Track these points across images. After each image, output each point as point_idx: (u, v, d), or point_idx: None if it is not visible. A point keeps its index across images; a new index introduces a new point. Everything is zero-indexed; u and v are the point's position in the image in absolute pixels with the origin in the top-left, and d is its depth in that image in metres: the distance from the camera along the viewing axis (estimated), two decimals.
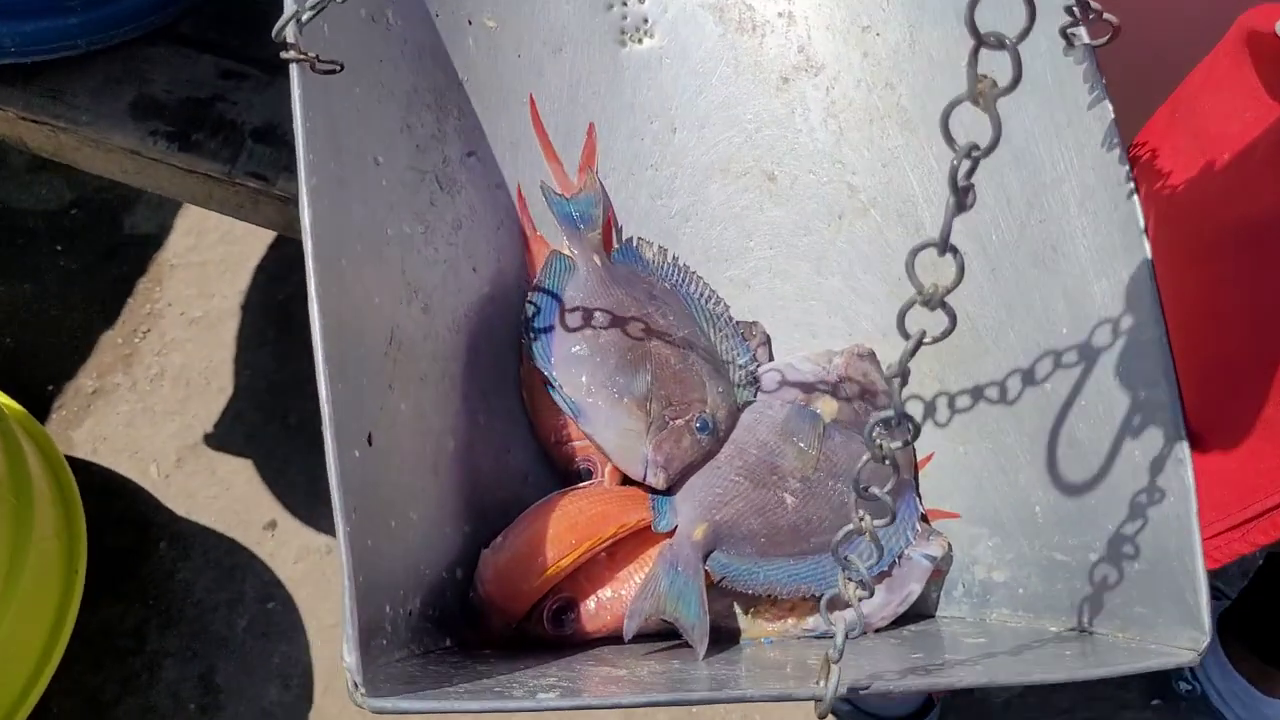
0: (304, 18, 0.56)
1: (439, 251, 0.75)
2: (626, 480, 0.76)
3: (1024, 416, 0.71)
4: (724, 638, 0.73)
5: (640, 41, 0.85)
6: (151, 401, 1.54)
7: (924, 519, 0.76)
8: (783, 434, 0.75)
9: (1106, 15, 0.65)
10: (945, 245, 0.42)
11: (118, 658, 1.34)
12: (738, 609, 0.74)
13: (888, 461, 0.47)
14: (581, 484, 0.76)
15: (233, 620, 1.38)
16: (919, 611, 0.77)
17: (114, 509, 1.44)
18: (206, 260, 1.65)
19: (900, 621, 0.75)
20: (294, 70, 0.56)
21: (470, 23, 0.80)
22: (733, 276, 0.84)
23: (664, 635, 0.72)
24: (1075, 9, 0.65)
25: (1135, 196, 0.63)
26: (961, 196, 0.40)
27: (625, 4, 0.84)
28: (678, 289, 0.80)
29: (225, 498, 1.46)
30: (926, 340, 0.44)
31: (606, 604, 0.72)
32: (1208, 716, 1.29)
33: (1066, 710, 1.35)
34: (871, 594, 0.50)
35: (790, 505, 0.74)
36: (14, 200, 1.67)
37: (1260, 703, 1.25)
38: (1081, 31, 0.66)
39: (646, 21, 0.85)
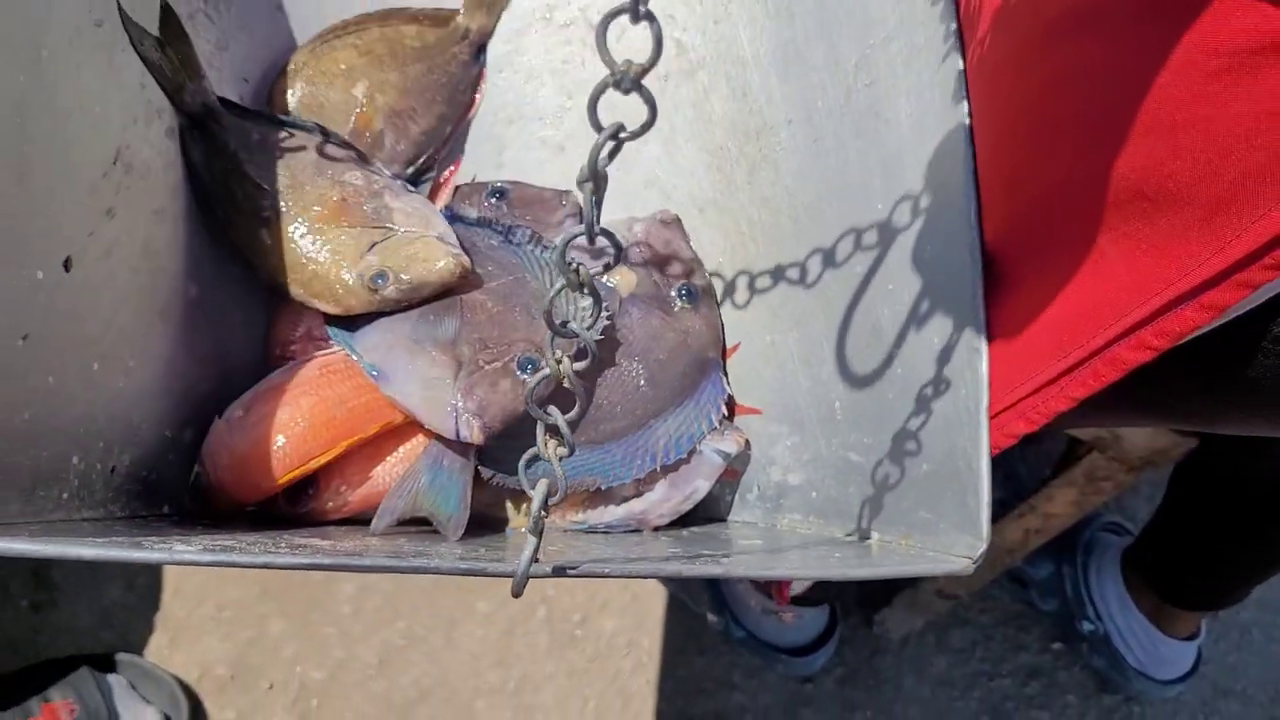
0: None
1: None
2: None
3: (832, 303, 0.64)
4: (489, 527, 0.66)
5: None
6: None
7: (730, 407, 0.69)
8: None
9: None
10: (637, 9, 0.33)
11: None
12: (507, 500, 0.67)
13: (585, 290, 0.39)
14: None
15: None
16: (711, 514, 0.71)
17: None
18: None
19: (686, 522, 0.68)
20: None
21: None
22: (546, 138, 0.75)
23: (419, 523, 0.64)
24: None
25: (959, 53, 0.56)
26: None
27: None
28: (505, 242, 0.70)
29: None
30: (624, 135, 0.36)
31: (355, 482, 0.64)
32: (1107, 658, 1.26)
33: (962, 649, 1.31)
34: (572, 451, 0.42)
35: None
36: None
37: (1159, 642, 1.22)
38: None
39: None
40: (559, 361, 0.41)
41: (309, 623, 1.23)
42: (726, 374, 0.70)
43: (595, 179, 0.36)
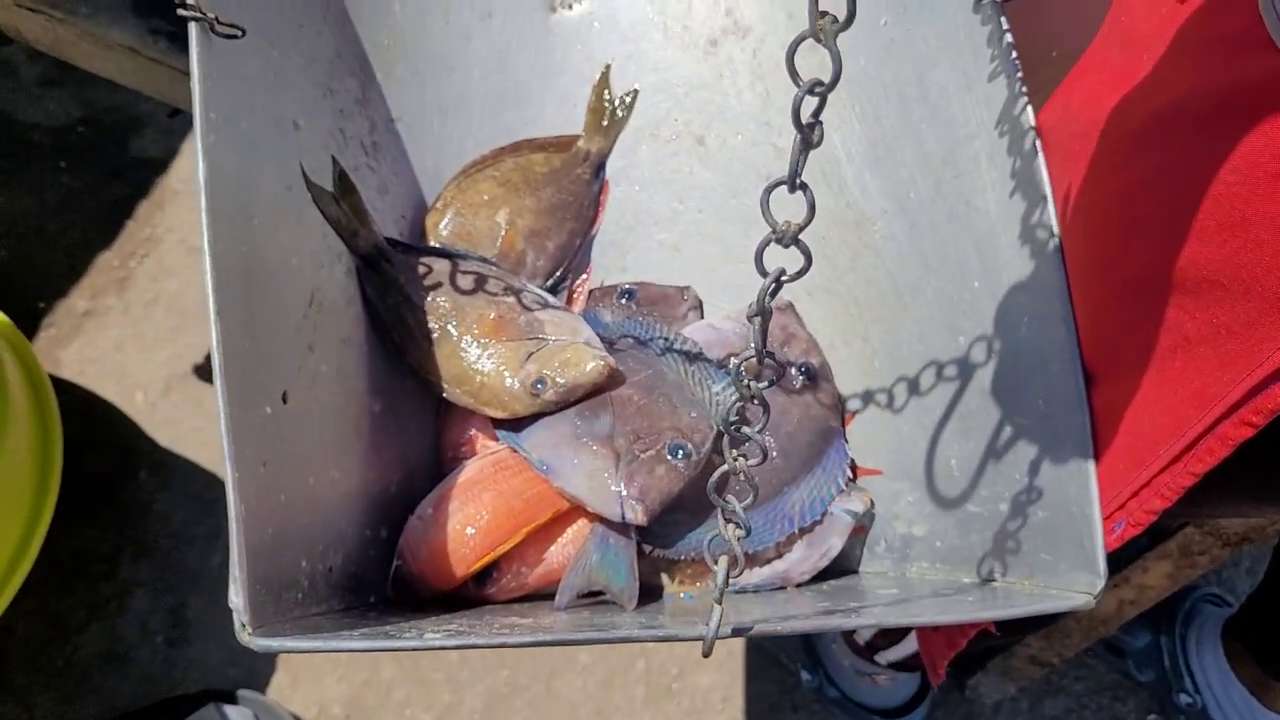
0: None
1: None
2: None
3: (941, 370, 0.72)
4: (645, 594, 0.74)
5: (570, 8, 0.86)
6: (143, 327, 1.50)
7: (853, 468, 0.77)
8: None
9: None
10: (794, 183, 0.42)
11: (88, 583, 1.32)
12: (660, 569, 0.75)
13: (756, 401, 0.47)
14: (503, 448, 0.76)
15: (208, 555, 1.36)
16: (844, 568, 0.78)
17: (96, 433, 1.41)
18: None
19: (823, 576, 0.76)
20: (192, 29, 0.57)
21: None
22: (663, 240, 0.85)
23: (594, 595, 0.72)
24: None
25: (1039, 149, 0.64)
26: (808, 133, 0.41)
27: None
28: (639, 341, 0.79)
29: (210, 430, 1.42)
30: (784, 278, 0.45)
31: (532, 564, 0.72)
32: None
33: (1056, 718, 1.34)
34: (748, 533, 0.50)
35: (717, 465, 0.74)
36: (22, 114, 1.63)
37: (1260, 715, 1.21)
38: None
39: None
40: (735, 460, 0.49)
41: (419, 668, 1.31)
42: (847, 440, 0.78)
43: (763, 314, 0.44)
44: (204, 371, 1.48)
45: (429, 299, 0.75)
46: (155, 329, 1.51)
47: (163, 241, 1.58)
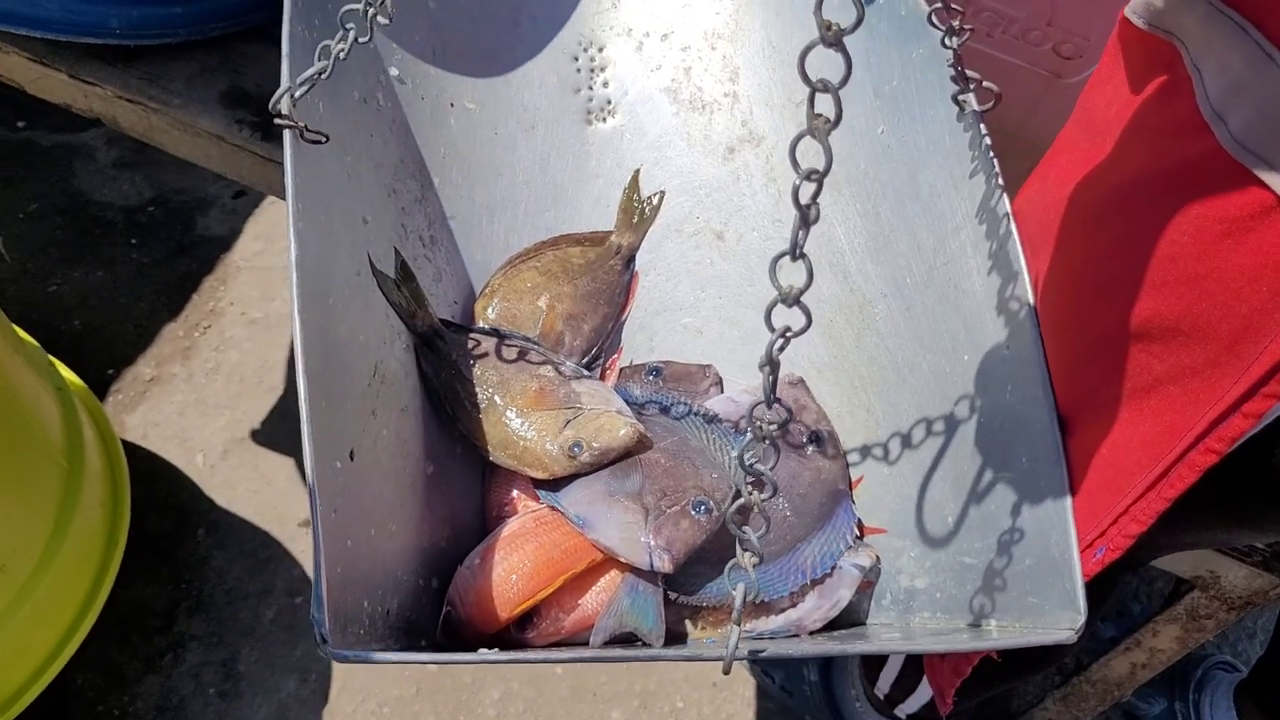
0: (296, 93, 0.68)
1: None
2: None
3: (937, 436, 0.79)
4: (672, 639, 0.80)
5: (604, 120, 0.97)
6: (205, 394, 1.62)
7: (860, 527, 0.84)
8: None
9: (987, 84, 0.75)
10: (795, 254, 0.51)
11: (145, 637, 1.39)
12: (685, 616, 0.82)
13: (768, 441, 0.56)
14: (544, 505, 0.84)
15: (260, 611, 1.43)
16: (853, 619, 0.85)
17: (158, 493, 1.51)
18: (271, 265, 1.76)
19: (833, 626, 0.83)
20: (286, 135, 0.67)
21: (452, 105, 0.92)
22: (687, 324, 0.94)
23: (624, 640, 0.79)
24: (957, 79, 0.75)
25: (1014, 234, 0.73)
26: (805, 212, 0.50)
27: (591, 88, 0.97)
28: (665, 412, 0.88)
29: (265, 492, 1.52)
30: (789, 334, 0.53)
31: (568, 610, 0.79)
32: None
33: None
34: (761, 560, 0.57)
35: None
36: (97, 194, 1.78)
37: None
38: (970, 98, 0.77)
39: (610, 103, 0.97)
40: (751, 494, 0.57)
41: None
42: (854, 501, 0.85)
43: (771, 364, 0.53)
44: (260, 436, 1.58)
45: (478, 373, 0.84)
46: (216, 396, 1.62)
47: (225, 314, 1.70)
